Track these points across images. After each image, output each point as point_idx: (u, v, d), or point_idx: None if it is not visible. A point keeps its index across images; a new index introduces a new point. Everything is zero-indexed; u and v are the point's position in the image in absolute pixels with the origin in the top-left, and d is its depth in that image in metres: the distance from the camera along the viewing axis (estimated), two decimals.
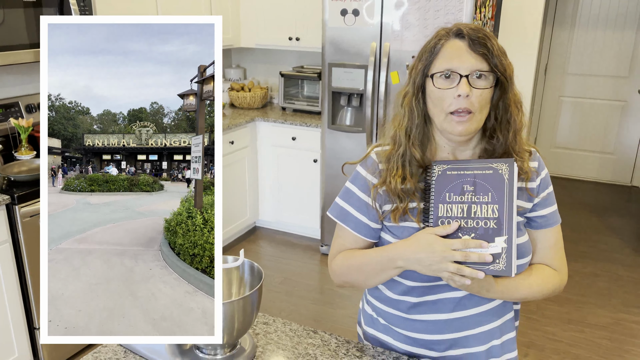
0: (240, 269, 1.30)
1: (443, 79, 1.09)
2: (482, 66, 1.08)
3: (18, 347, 2.47)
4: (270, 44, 4.13)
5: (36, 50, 2.57)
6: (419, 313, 1.23)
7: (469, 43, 1.08)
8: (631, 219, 4.68)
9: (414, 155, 1.15)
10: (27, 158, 2.70)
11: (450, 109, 1.09)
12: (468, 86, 1.07)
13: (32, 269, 2.42)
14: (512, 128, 1.13)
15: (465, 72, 1.07)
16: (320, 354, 1.27)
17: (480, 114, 1.10)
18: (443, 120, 1.11)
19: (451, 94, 1.08)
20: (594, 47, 5.27)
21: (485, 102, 1.10)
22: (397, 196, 1.15)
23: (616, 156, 5.46)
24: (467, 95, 1.07)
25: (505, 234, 1.04)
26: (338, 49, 3.44)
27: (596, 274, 3.70)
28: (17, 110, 2.84)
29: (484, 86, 1.08)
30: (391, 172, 1.16)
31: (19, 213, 2.33)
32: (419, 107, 1.15)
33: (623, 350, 2.87)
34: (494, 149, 1.16)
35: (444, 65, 1.09)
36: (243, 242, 4.11)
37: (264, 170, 4.12)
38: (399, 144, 1.17)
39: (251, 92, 4.24)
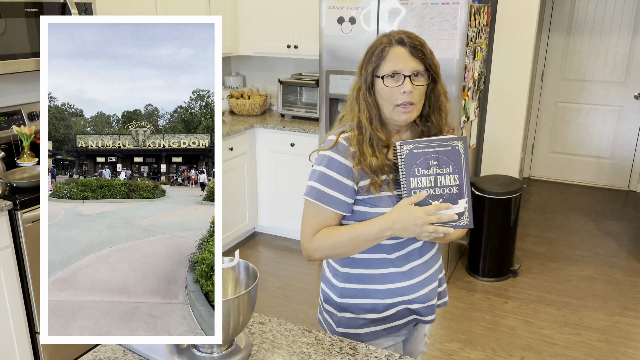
0: (236, 269, 1.34)
1: (390, 79, 1.36)
2: (420, 67, 1.36)
3: (20, 352, 2.50)
4: (268, 51, 4.18)
5: (37, 59, 2.62)
6: (395, 266, 1.47)
7: (410, 50, 1.35)
8: (628, 223, 4.71)
9: (380, 137, 1.40)
10: (30, 165, 2.75)
11: (397, 102, 1.36)
12: (411, 84, 1.35)
13: (34, 274, 2.46)
14: (443, 113, 1.45)
15: (408, 73, 1.35)
16: (314, 352, 1.30)
17: (419, 104, 1.40)
18: (392, 111, 1.39)
19: (397, 90, 1.36)
20: (590, 53, 5.32)
21: (422, 95, 1.40)
22: (373, 172, 1.38)
23: (613, 161, 5.50)
24: (410, 92, 1.35)
25: (465, 197, 1.34)
26: (335, 57, 3.49)
27: (593, 277, 3.72)
28: (20, 118, 2.89)
29: (422, 83, 1.38)
30: (365, 153, 1.39)
31: (21, 219, 2.37)
32: (372, 100, 1.40)
33: (619, 352, 2.90)
34: (429, 130, 1.45)
35: (390, 68, 1.36)
36: (242, 248, 4.14)
37: (263, 176, 4.17)
38: (365, 130, 1.40)
39: (250, 100, 4.29)
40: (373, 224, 1.38)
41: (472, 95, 3.59)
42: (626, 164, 5.46)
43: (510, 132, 4.14)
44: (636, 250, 4.14)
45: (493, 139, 4.14)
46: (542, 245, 4.24)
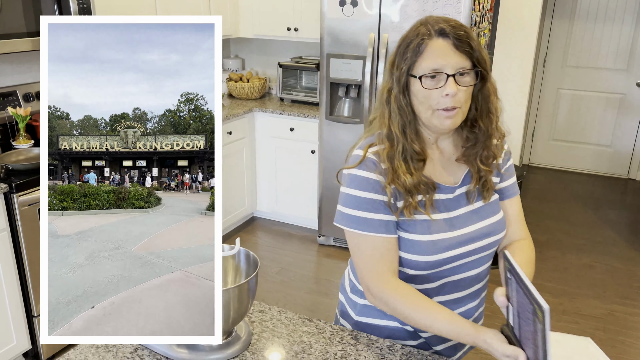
0: (236, 257, 1.31)
1: (429, 79, 1.12)
2: (466, 64, 1.12)
3: (16, 335, 2.49)
4: (268, 34, 4.12)
5: (34, 39, 2.57)
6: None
7: (454, 42, 1.11)
8: (627, 211, 4.70)
9: (415, 150, 1.18)
10: (25, 147, 2.71)
11: (439, 106, 1.13)
12: (455, 85, 1.11)
13: (30, 257, 2.44)
14: (493, 116, 1.20)
15: (451, 72, 1.11)
16: (315, 341, 1.29)
17: (465, 107, 1.16)
18: (431, 116, 1.15)
19: (438, 93, 1.12)
20: (593, 40, 5.26)
21: (469, 96, 1.15)
22: (407, 192, 1.17)
23: (613, 149, 5.48)
24: (454, 95, 1.11)
25: None
26: (336, 40, 3.44)
27: (591, 265, 3.72)
28: (15, 99, 2.84)
29: (468, 83, 1.13)
30: (397, 170, 1.17)
31: (17, 202, 2.34)
32: (407, 104, 1.17)
33: (617, 341, 2.90)
34: (476, 137, 1.22)
35: (430, 66, 1.12)
36: (241, 233, 4.13)
37: (262, 161, 4.13)
38: (397, 142, 1.18)
39: (249, 83, 4.24)
40: (465, 331, 1.12)
41: None
42: (626, 152, 5.44)
43: (511, 119, 4.11)
44: (635, 239, 4.13)
45: None
46: (541, 233, 4.23)
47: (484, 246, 1.26)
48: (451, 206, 1.24)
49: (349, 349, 1.26)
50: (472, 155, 1.23)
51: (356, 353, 1.25)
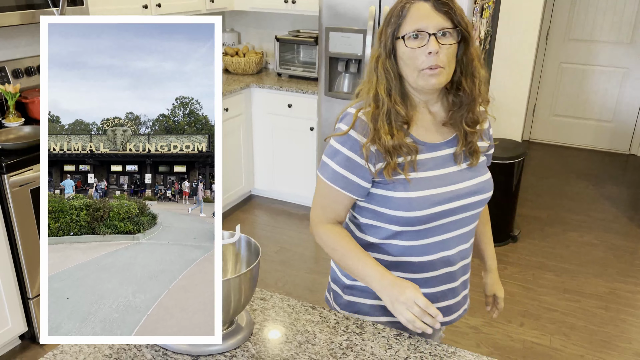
0: (237, 244, 1.26)
1: (413, 39, 1.18)
2: (446, 24, 1.18)
3: (12, 318, 2.44)
4: (265, 7, 3.99)
5: (22, 12, 2.46)
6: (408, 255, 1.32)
7: (433, 4, 1.18)
8: (627, 187, 4.66)
9: (399, 112, 1.23)
10: (15, 125, 2.62)
11: (423, 66, 1.18)
12: (437, 43, 1.17)
13: (23, 238, 2.37)
14: (477, 80, 1.25)
15: (432, 31, 1.17)
16: (319, 330, 1.24)
17: (449, 68, 1.20)
18: (417, 77, 1.20)
19: (422, 52, 1.18)
20: (597, 12, 5.14)
21: (452, 56, 1.21)
22: (387, 152, 1.22)
23: (614, 124, 5.41)
24: (436, 52, 1.16)
25: None
26: (335, 13, 3.32)
27: (592, 243, 3.69)
28: (4, 76, 2.74)
29: (450, 42, 1.19)
30: (379, 130, 1.22)
31: (8, 182, 2.26)
32: (393, 68, 1.23)
33: (619, 319, 2.89)
34: (461, 100, 1.27)
35: (412, 27, 1.18)
36: (238, 212, 4.07)
37: (259, 138, 4.05)
38: (382, 103, 1.23)
39: (246, 58, 4.13)
40: (369, 266, 1.24)
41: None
42: (628, 128, 5.37)
43: (514, 94, 4.03)
44: (636, 216, 4.10)
45: (497, 102, 4.03)
46: (541, 210, 4.19)
47: (471, 204, 1.30)
48: (438, 165, 1.28)
49: (354, 338, 1.22)
50: (458, 118, 1.28)
51: (362, 343, 1.20)
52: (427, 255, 1.32)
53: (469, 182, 1.30)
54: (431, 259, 1.32)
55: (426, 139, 1.28)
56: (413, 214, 1.24)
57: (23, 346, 2.58)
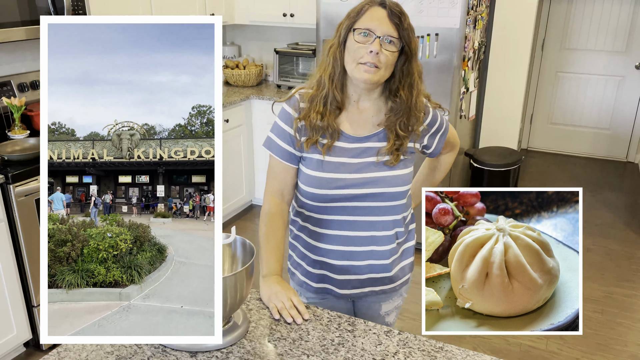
0: (233, 245, 1.31)
1: (362, 36, 1.34)
2: (393, 33, 1.34)
3: (17, 325, 2.49)
4: (264, 20, 4.08)
5: (28, 28, 2.54)
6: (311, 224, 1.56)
7: (388, 13, 1.34)
8: (625, 194, 4.70)
9: (336, 97, 1.40)
10: (21, 137, 2.70)
11: (362, 60, 1.34)
12: (379, 46, 1.33)
13: (28, 247, 2.44)
14: (415, 91, 1.40)
15: (379, 34, 1.33)
16: (312, 328, 1.29)
17: (384, 71, 1.36)
18: (354, 68, 1.36)
19: (365, 49, 1.33)
20: (592, 21, 5.22)
21: (390, 63, 1.36)
22: (313, 129, 1.41)
23: (611, 132, 5.46)
24: (377, 53, 1.32)
25: None
26: (332, 25, 3.40)
27: (589, 248, 3.73)
28: (9, 89, 2.82)
29: (391, 49, 1.35)
30: (313, 110, 1.40)
31: (14, 193, 2.33)
32: (341, 57, 1.39)
33: (615, 323, 2.92)
34: (398, 107, 1.42)
35: (365, 25, 1.34)
36: (239, 221, 4.13)
37: (260, 148, 4.12)
38: (322, 87, 1.41)
39: (246, 70, 4.21)
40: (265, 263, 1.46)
41: (472, 65, 3.53)
42: (625, 135, 5.42)
43: (509, 103, 4.09)
44: (633, 222, 4.14)
45: (492, 110, 4.09)
46: None
47: (375, 194, 1.44)
48: (351, 154, 1.43)
49: (346, 335, 1.27)
50: (392, 122, 1.43)
51: (353, 339, 1.25)
52: (331, 230, 1.50)
53: (377, 174, 1.44)
54: (336, 233, 1.50)
55: (349, 131, 1.44)
56: (318, 191, 1.44)
57: (27, 353, 2.63)
